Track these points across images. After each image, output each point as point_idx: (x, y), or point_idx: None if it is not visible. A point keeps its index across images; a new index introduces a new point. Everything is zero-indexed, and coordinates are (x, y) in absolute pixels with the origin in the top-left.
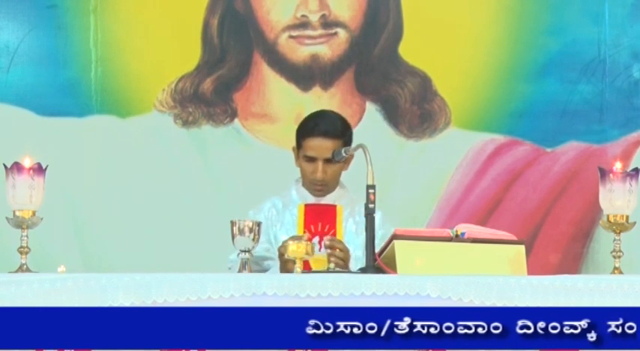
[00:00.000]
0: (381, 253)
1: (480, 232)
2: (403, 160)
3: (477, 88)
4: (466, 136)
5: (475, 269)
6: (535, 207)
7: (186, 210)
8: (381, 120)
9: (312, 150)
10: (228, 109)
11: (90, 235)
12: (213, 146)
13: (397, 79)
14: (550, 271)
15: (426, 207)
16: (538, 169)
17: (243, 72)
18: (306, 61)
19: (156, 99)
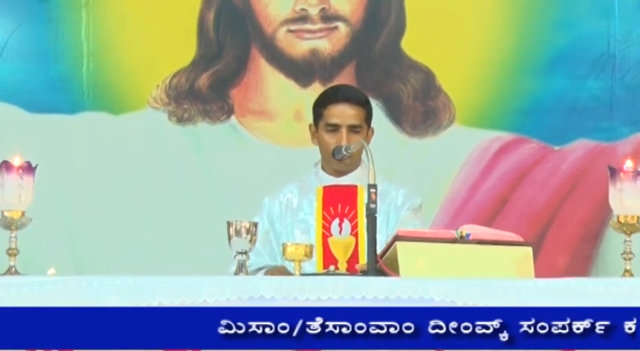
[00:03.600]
0: (383, 255)
1: (485, 233)
2: (406, 158)
3: (483, 84)
4: (471, 134)
5: (480, 272)
6: (542, 207)
7: (182, 210)
8: (383, 117)
9: (336, 117)
10: (224, 105)
11: (81, 236)
12: (209, 144)
13: (399, 74)
14: (558, 273)
15: (430, 207)
16: (546, 168)
17: (240, 67)
18: (305, 56)
19: (150, 95)
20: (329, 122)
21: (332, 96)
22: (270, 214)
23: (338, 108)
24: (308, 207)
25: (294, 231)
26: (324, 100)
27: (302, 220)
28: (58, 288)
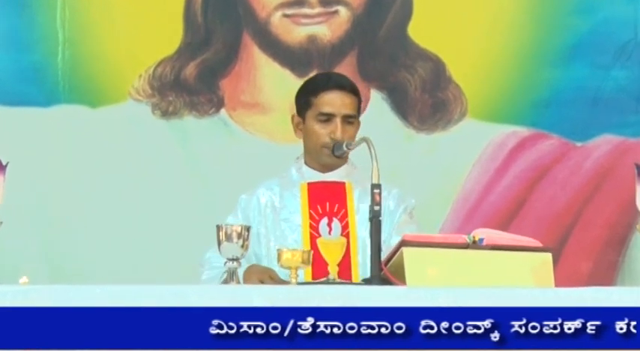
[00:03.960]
0: (387, 262)
1: (500, 237)
2: (413, 155)
3: (497, 74)
4: (485, 129)
5: (495, 280)
6: (563, 209)
7: (167, 213)
8: (388, 110)
9: (330, 105)
10: (213, 97)
11: (57, 241)
12: (197, 140)
13: (406, 63)
14: (581, 281)
15: (439, 209)
16: (567, 166)
17: (230, 56)
18: (302, 44)
19: (131, 86)
20: (322, 111)
21: (324, 82)
22: (247, 213)
23: (331, 95)
24: (292, 205)
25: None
26: (315, 87)
27: (285, 219)
28: (31, 298)
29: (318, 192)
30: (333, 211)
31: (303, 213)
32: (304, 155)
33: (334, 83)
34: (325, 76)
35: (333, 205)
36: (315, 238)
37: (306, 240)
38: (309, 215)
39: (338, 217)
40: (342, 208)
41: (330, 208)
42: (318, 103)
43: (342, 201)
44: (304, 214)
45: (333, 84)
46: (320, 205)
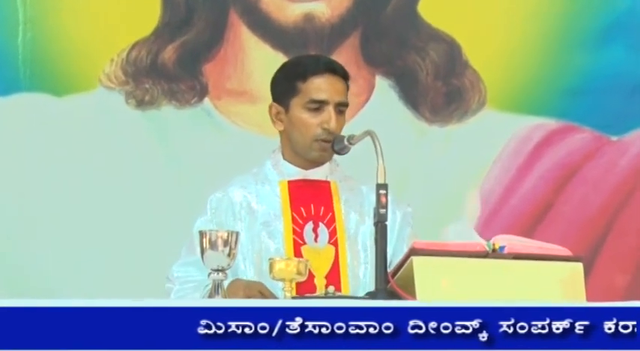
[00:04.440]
0: (395, 273)
1: (523, 245)
2: (424, 151)
3: (521, 58)
4: (506, 121)
5: (518, 293)
6: (596, 213)
7: (142, 215)
8: (396, 99)
9: (322, 91)
10: (195, 85)
11: (13, 247)
12: (177, 133)
13: (416, 45)
14: (616, 295)
15: (455, 212)
16: (600, 164)
17: (215, 37)
18: (297, 23)
19: (102, 72)
20: (313, 98)
21: (313, 65)
22: (219, 216)
23: (323, 80)
24: (271, 206)
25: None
26: (303, 71)
27: (265, 223)
28: None
29: (300, 192)
30: (318, 214)
31: (285, 216)
32: (283, 149)
33: (325, 66)
34: (313, 59)
35: (318, 208)
36: (300, 246)
37: (289, 247)
38: (292, 219)
39: (324, 222)
40: (329, 211)
41: (316, 211)
42: (308, 88)
43: (329, 203)
44: (286, 218)
45: (323, 67)
46: (304, 208)
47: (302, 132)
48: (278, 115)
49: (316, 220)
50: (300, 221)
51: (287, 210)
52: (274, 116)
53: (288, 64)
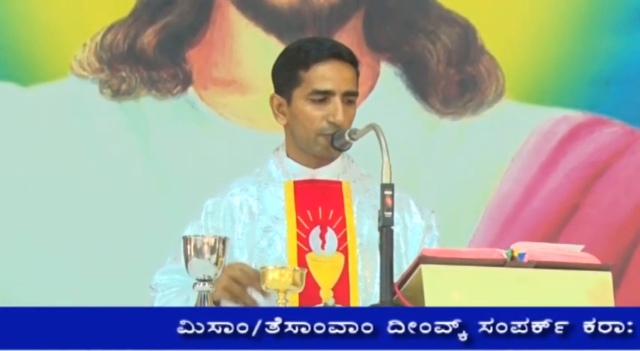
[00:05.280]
0: (402, 284)
1: (546, 253)
2: (435, 146)
3: (543, 43)
4: (527, 113)
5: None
6: (627, 216)
7: (119, 218)
8: (403, 88)
9: (327, 80)
10: (178, 72)
11: None
12: (157, 126)
13: (426, 28)
14: None
15: (469, 217)
16: (632, 161)
17: (200, 19)
18: (292, 3)
19: (73, 59)
20: (317, 88)
21: (316, 51)
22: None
23: (327, 67)
24: (274, 209)
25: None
26: (304, 58)
27: (266, 228)
28: None
29: (307, 194)
30: (327, 218)
31: (288, 220)
32: (287, 146)
33: (329, 52)
34: (316, 43)
35: (327, 211)
36: (305, 253)
37: (293, 255)
38: (297, 223)
39: (333, 227)
40: (339, 215)
41: (324, 215)
42: (311, 77)
43: (339, 206)
44: (290, 222)
45: (327, 52)
46: (310, 211)
47: (305, 126)
48: (280, 108)
49: (324, 224)
50: (305, 226)
51: (291, 213)
52: (276, 109)
53: (289, 49)
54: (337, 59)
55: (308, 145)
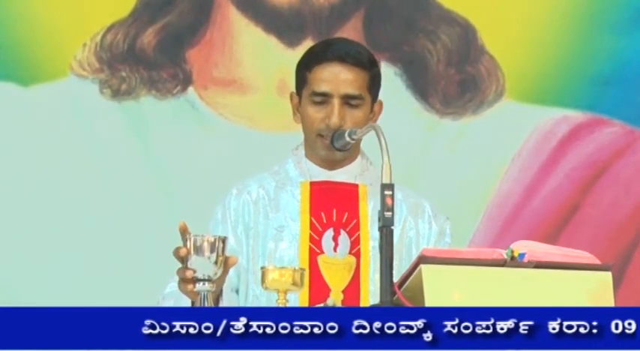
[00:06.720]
0: (402, 283)
1: (546, 253)
2: (435, 146)
3: (543, 43)
4: (527, 113)
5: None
6: (627, 216)
7: (119, 219)
8: (403, 89)
9: (325, 82)
10: (178, 73)
11: None
12: (157, 127)
13: (426, 28)
14: None
15: (469, 215)
16: (632, 162)
17: (200, 19)
18: (293, 3)
19: (73, 59)
20: (315, 90)
21: (321, 53)
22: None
23: (328, 70)
24: (288, 209)
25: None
26: (311, 59)
27: (280, 227)
28: None
29: (322, 195)
30: (341, 221)
31: (302, 220)
32: (304, 145)
33: (332, 53)
34: (324, 45)
35: (341, 214)
36: (316, 255)
37: (304, 256)
38: (311, 224)
39: (347, 230)
40: (354, 218)
41: (338, 218)
42: (312, 79)
43: (354, 209)
44: (304, 223)
45: (330, 54)
46: (325, 213)
47: (307, 127)
48: (297, 107)
49: (337, 227)
50: (319, 228)
51: (305, 214)
52: (295, 107)
53: (308, 49)
54: (339, 61)
55: (312, 146)
